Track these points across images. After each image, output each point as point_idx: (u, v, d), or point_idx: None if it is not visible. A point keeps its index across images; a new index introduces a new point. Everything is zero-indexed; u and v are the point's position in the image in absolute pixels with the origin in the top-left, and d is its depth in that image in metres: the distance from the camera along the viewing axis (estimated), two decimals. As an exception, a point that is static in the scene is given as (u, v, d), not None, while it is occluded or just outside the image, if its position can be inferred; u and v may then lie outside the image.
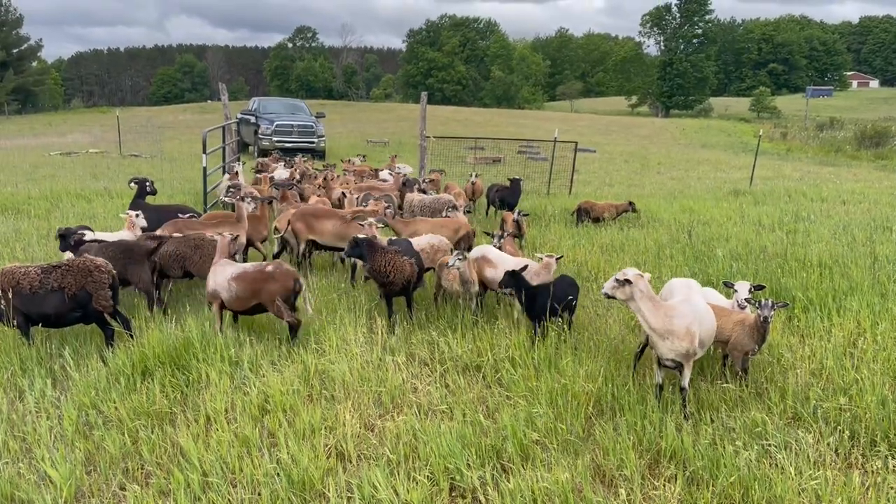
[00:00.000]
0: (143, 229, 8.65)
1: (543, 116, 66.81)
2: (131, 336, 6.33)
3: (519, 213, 10.51)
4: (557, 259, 7.21)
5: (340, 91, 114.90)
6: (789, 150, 42.70)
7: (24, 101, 74.88)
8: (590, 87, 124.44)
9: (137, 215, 8.66)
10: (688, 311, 5.21)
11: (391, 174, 14.13)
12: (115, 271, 6.38)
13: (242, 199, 9.18)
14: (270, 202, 10.66)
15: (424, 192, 11.87)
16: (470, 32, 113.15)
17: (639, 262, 9.44)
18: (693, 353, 5.14)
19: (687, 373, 5.23)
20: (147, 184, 10.44)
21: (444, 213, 10.19)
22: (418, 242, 8.05)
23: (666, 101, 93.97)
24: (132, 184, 10.56)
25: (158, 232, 8.43)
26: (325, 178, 13.37)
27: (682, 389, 5.26)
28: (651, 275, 6.51)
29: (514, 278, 6.75)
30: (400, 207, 11.62)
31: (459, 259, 7.00)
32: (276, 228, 9.41)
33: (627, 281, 5.08)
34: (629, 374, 5.68)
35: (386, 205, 10.16)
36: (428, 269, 7.98)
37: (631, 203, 13.25)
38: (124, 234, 8.28)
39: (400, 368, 5.92)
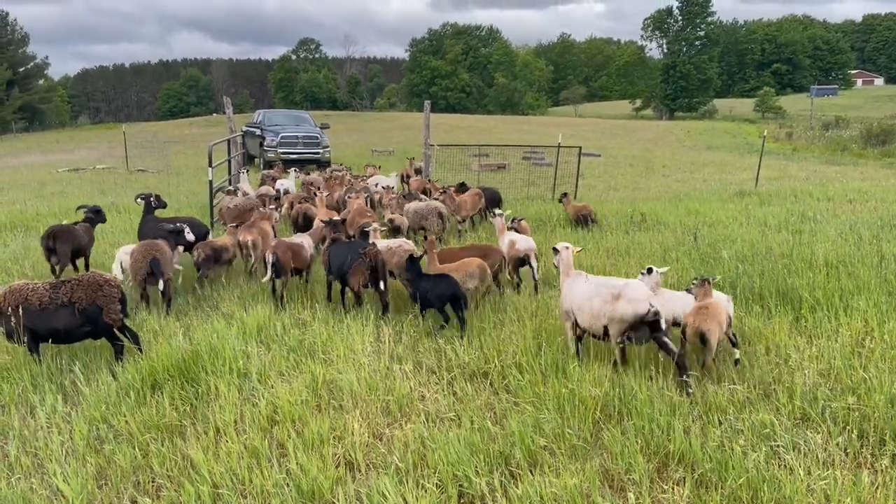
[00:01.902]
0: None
1: (547, 122, 66.87)
2: (140, 350, 6.38)
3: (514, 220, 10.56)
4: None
5: (345, 101, 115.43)
6: (795, 149, 42.60)
7: (32, 118, 75.57)
8: (593, 92, 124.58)
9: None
10: (574, 287, 6.27)
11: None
12: (122, 286, 6.44)
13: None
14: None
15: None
16: (472, 40, 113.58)
17: (644, 266, 9.42)
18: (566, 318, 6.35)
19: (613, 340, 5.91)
20: (152, 199, 10.51)
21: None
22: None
23: (670, 104, 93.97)
24: (138, 200, 10.67)
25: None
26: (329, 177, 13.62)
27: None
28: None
29: (412, 265, 7.43)
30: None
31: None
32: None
33: (556, 250, 6.79)
34: (635, 379, 5.68)
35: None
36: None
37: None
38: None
39: (408, 377, 5.95)
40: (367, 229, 9.23)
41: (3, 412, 5.45)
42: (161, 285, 7.86)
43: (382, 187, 13.98)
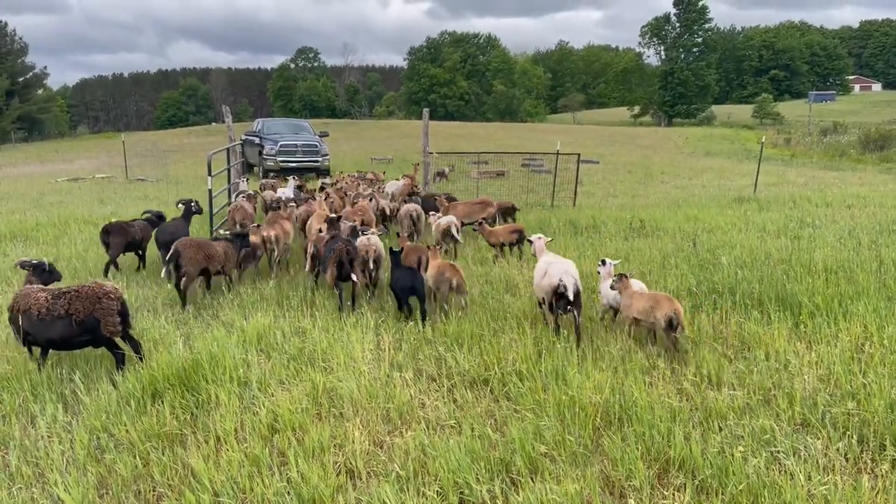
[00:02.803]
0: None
1: (546, 129, 67.06)
2: (141, 359, 6.38)
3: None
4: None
5: (343, 110, 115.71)
6: (793, 155, 42.74)
7: (31, 128, 75.73)
8: (592, 99, 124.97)
9: None
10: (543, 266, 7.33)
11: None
12: (123, 297, 6.45)
13: None
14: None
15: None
16: (471, 48, 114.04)
17: (644, 272, 9.45)
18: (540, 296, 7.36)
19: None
20: (192, 204, 11.26)
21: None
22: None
23: (668, 111, 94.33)
24: (179, 205, 11.40)
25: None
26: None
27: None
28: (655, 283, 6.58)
29: (393, 256, 8.45)
30: None
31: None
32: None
33: (530, 241, 8.35)
34: (636, 385, 5.69)
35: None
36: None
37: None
38: None
39: (408, 384, 5.95)
40: (351, 225, 9.79)
41: (3, 422, 5.45)
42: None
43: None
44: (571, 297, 6.84)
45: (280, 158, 25.23)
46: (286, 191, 15.75)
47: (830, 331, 6.96)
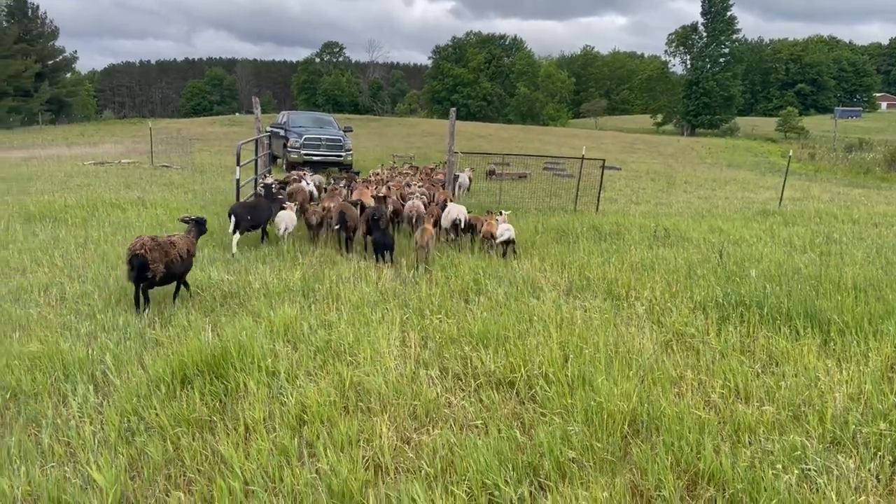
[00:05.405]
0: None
1: (568, 133, 66.83)
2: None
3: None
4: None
5: (366, 106, 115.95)
6: (817, 170, 42.27)
7: (58, 111, 76.45)
8: (614, 105, 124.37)
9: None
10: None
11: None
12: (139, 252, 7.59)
13: None
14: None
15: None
16: (496, 49, 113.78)
17: (670, 282, 9.40)
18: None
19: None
20: (274, 186, 12.74)
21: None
22: None
23: (691, 120, 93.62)
24: (260, 189, 12.95)
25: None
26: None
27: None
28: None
29: (373, 221, 10.75)
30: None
31: None
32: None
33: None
34: (664, 395, 5.66)
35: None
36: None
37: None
38: None
39: (434, 382, 5.96)
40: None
41: (36, 400, 5.52)
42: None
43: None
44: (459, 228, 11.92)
45: (304, 151, 25.30)
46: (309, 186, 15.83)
47: (860, 349, 6.88)
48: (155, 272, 7.67)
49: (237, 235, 10.94)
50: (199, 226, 8.97)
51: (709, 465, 4.59)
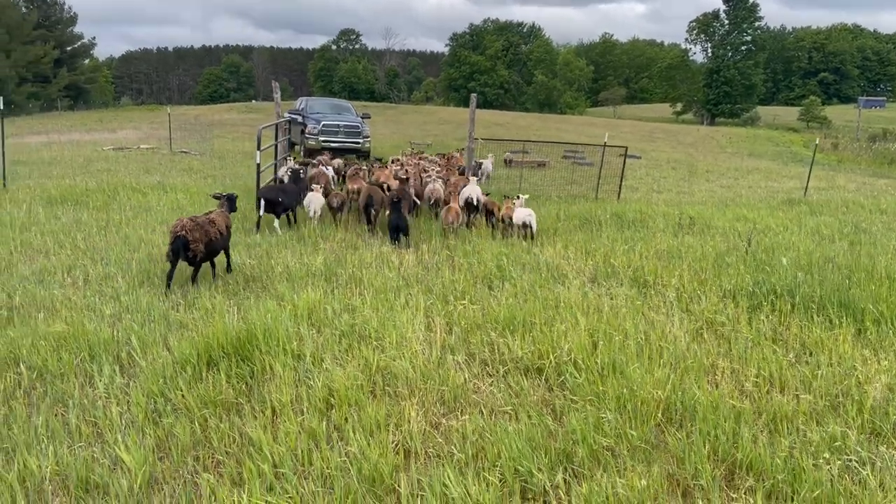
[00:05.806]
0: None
1: (586, 122, 66.27)
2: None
3: None
4: None
5: (383, 93, 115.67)
6: (840, 160, 41.62)
7: (77, 97, 76.87)
8: (633, 94, 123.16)
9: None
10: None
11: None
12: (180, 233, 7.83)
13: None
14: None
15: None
16: (513, 36, 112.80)
17: (697, 270, 9.24)
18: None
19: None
20: (301, 170, 13.56)
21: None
22: None
23: (712, 109, 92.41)
24: (288, 171, 13.52)
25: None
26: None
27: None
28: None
29: (393, 203, 11.15)
30: None
31: None
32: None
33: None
34: (697, 384, 5.53)
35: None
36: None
37: None
38: None
39: (461, 368, 5.87)
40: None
41: (62, 380, 5.49)
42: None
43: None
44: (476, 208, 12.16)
45: (322, 138, 25.18)
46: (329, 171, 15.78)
47: (897, 340, 6.71)
48: (195, 252, 7.91)
49: (276, 220, 11.56)
50: (230, 202, 9.28)
51: (747, 455, 4.48)
